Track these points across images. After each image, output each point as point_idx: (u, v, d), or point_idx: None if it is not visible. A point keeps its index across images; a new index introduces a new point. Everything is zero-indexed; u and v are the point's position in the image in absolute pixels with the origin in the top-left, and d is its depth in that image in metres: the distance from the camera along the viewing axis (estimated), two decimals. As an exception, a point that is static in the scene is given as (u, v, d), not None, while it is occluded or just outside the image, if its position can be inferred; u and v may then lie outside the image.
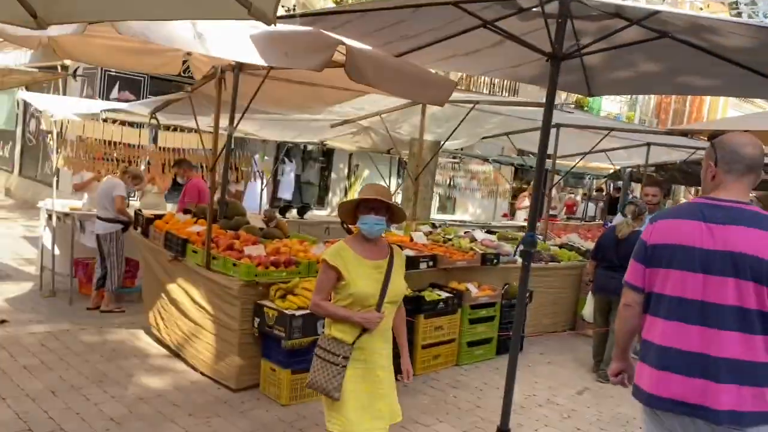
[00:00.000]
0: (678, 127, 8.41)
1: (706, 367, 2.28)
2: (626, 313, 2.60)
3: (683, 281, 2.36)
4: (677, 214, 2.50)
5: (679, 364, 2.34)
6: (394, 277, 2.95)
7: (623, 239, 6.07)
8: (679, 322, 2.36)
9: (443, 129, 8.01)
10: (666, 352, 2.38)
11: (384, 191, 3.00)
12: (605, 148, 10.42)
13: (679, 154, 11.54)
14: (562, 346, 7.26)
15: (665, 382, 2.37)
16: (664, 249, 2.42)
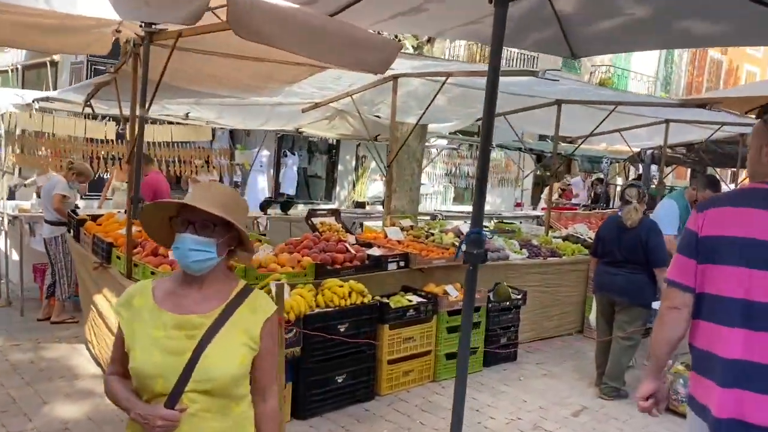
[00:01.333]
0: (693, 98, 7.38)
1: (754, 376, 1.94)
2: (671, 316, 2.19)
3: (753, 280, 1.99)
4: (735, 200, 2.12)
5: (745, 378, 1.98)
6: (216, 349, 1.75)
7: (632, 228, 5.14)
8: (734, 328, 2.02)
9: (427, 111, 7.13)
10: (732, 365, 2.01)
11: (224, 197, 1.83)
12: (619, 128, 9.42)
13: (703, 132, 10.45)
14: (565, 353, 6.34)
15: (734, 401, 2.00)
16: (716, 241, 2.07)
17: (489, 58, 2.93)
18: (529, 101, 7.50)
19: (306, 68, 5.18)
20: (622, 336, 5.19)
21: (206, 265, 1.80)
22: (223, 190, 1.92)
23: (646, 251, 5.06)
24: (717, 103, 5.89)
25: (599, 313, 5.49)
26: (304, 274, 4.76)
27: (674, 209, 5.68)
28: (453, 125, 8.11)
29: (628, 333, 5.15)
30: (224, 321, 1.80)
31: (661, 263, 5.03)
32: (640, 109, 8.31)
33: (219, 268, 1.85)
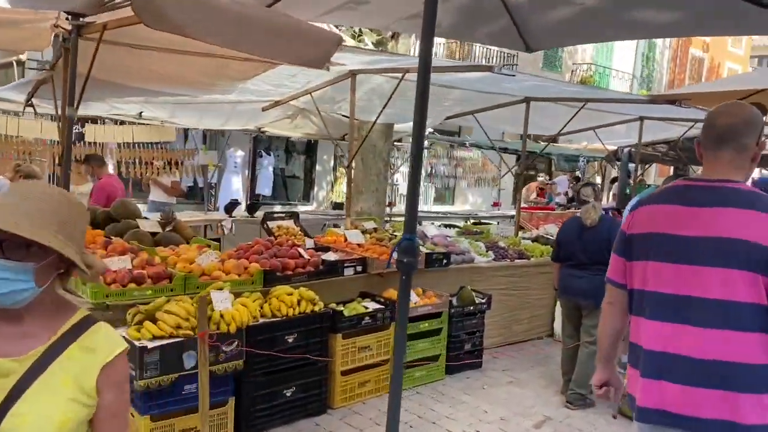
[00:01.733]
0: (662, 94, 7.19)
1: (689, 370, 2.00)
2: (608, 311, 2.36)
3: (660, 274, 2.09)
4: (656, 199, 2.22)
5: (663, 369, 2.06)
6: (30, 405, 1.34)
7: (593, 227, 4.95)
8: (659, 322, 2.09)
9: (394, 108, 6.90)
10: (650, 356, 2.10)
11: (44, 204, 1.37)
12: (594, 126, 9.24)
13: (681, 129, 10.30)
14: (534, 359, 6.14)
15: (652, 390, 2.08)
16: (643, 239, 2.17)
17: (420, 46, 2.70)
18: (501, 99, 7.30)
19: (257, 64, 4.93)
20: (588, 341, 4.99)
21: (20, 298, 1.34)
22: (46, 195, 1.40)
23: (609, 249, 4.87)
24: (686, 99, 5.70)
25: (565, 318, 5.29)
26: (252, 281, 4.51)
27: (632, 207, 5.50)
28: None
29: (595, 338, 4.94)
30: (45, 367, 1.36)
31: None
32: (615, 106, 8.13)
33: (45, 299, 1.41)
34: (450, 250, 5.93)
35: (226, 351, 3.97)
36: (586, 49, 24.09)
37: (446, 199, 20.66)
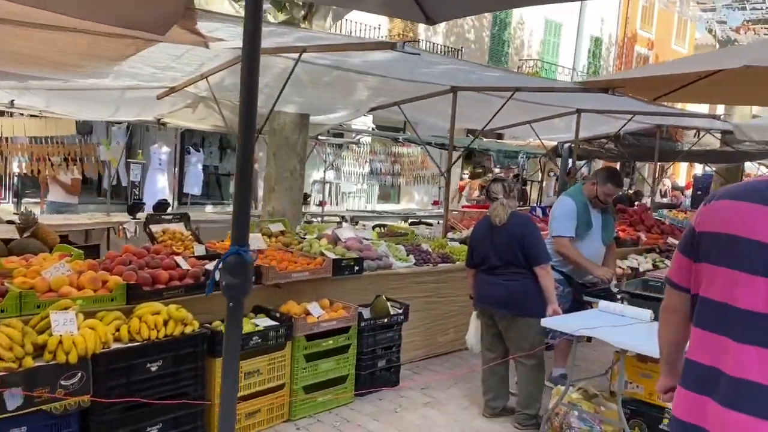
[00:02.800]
0: (594, 80, 6.70)
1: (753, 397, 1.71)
2: (667, 318, 2.13)
3: (729, 282, 1.79)
4: (737, 193, 1.87)
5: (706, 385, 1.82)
6: None
7: (503, 226, 4.40)
8: (710, 333, 1.84)
9: (306, 98, 6.23)
10: (695, 368, 1.88)
11: None
12: (530, 119, 8.77)
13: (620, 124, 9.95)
14: (458, 373, 5.56)
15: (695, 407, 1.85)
16: (714, 239, 1.85)
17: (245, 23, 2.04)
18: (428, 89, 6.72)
19: (128, 41, 4.18)
20: (522, 356, 4.44)
21: None
22: None
23: (523, 248, 4.35)
24: (620, 87, 5.22)
25: (484, 331, 4.72)
26: (111, 298, 3.78)
27: (570, 207, 4.97)
28: (341, 116, 7.25)
29: (529, 351, 4.40)
30: None
31: (541, 259, 4.36)
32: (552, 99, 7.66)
33: None
34: (365, 255, 5.30)
35: (66, 385, 3.25)
36: (532, 44, 23.90)
37: (392, 197, 20.11)
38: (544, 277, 4.37)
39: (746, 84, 5.84)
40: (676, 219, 11.50)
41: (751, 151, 12.13)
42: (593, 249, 5.05)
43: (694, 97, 6.62)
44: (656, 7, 29.54)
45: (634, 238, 8.23)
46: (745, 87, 5.95)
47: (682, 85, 5.87)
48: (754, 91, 6.09)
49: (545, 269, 4.36)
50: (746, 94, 6.11)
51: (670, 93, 6.09)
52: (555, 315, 4.30)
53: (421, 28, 19.93)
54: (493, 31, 22.52)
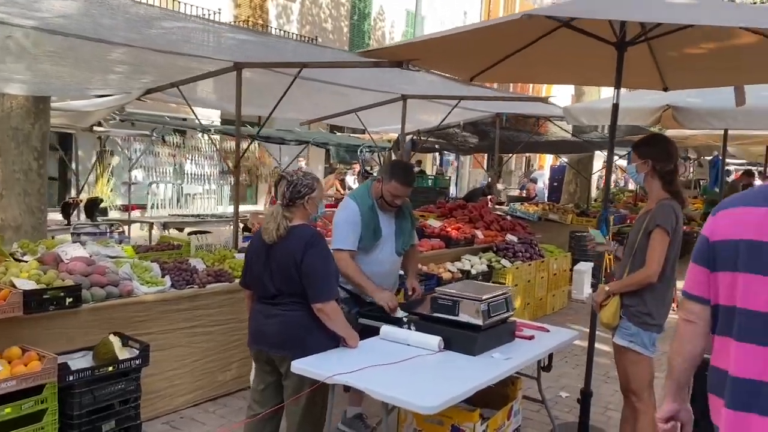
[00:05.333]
0: (375, 49, 5.83)
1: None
2: (685, 330, 1.99)
3: (752, 288, 1.76)
4: (744, 200, 1.89)
5: (754, 401, 1.75)
6: None
7: (278, 244, 3.28)
8: (753, 345, 1.77)
9: (39, 75, 4.80)
10: (742, 385, 1.78)
11: None
12: (355, 108, 7.78)
13: (463, 113, 9.23)
14: (235, 422, 4.40)
15: (739, 425, 1.78)
16: (730, 246, 1.83)
17: None
18: (214, 65, 5.50)
19: None
20: (291, 400, 3.33)
21: None
22: None
23: (301, 277, 3.24)
24: (414, 59, 4.27)
25: (258, 378, 3.57)
26: None
27: (352, 213, 3.93)
28: (107, 101, 5.86)
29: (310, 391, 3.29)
30: None
31: (320, 295, 3.23)
32: (372, 82, 6.70)
33: None
34: (92, 280, 3.99)
35: None
36: (394, 36, 23.25)
37: (248, 197, 18.63)
38: (329, 320, 3.27)
39: (565, 61, 5.13)
40: (526, 213, 11.04)
41: (596, 140, 11.96)
42: (385, 262, 4.05)
43: (515, 76, 5.89)
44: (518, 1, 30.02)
45: (468, 236, 7.46)
46: (565, 64, 5.24)
47: (496, 62, 5.08)
48: (574, 68, 5.40)
49: (326, 308, 3.23)
50: (565, 71, 5.40)
51: (486, 71, 5.28)
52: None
53: (272, 15, 18.60)
54: (352, 20, 21.61)
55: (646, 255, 3.49)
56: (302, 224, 3.29)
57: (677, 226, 3.52)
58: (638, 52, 4.67)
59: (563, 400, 5.05)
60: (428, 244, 6.84)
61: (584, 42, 4.27)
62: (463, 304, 3.43)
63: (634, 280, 3.53)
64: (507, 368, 3.24)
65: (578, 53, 4.66)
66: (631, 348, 3.55)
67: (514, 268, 7.24)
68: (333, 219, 4.12)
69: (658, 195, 3.60)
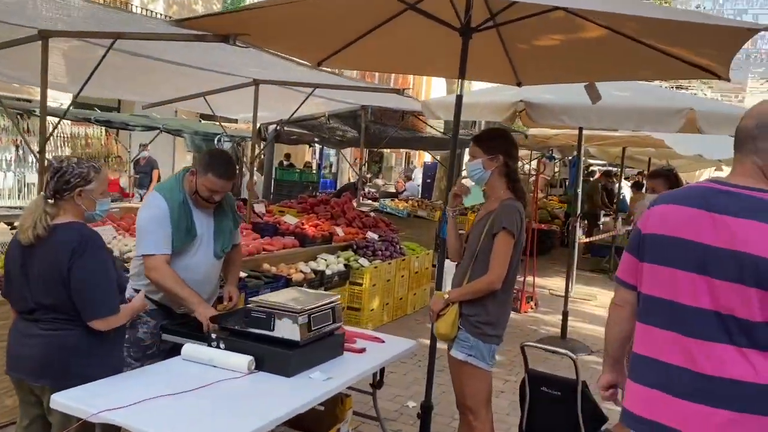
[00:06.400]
0: (199, 16, 5.27)
1: (692, 385, 1.90)
2: (615, 314, 2.23)
3: (671, 281, 1.96)
4: (677, 197, 2.06)
5: (663, 381, 1.97)
6: None
7: (36, 246, 2.63)
8: (656, 328, 2.01)
9: None
10: (643, 362, 2.05)
11: None
12: (205, 91, 7.09)
13: (329, 104, 8.77)
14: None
15: (646, 399, 2.00)
16: (658, 240, 2.02)
17: None
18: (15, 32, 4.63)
19: None
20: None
21: None
22: None
23: (69, 291, 2.62)
24: (242, 35, 3.72)
25: (22, 412, 2.91)
26: None
27: (160, 211, 3.30)
28: None
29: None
30: None
31: (93, 310, 2.67)
32: (218, 63, 6.05)
33: None
34: None
35: None
36: None
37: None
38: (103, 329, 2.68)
39: (415, 49, 4.78)
40: (396, 209, 10.80)
41: (465, 138, 11.96)
42: (200, 267, 3.44)
43: (368, 63, 5.50)
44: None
45: (326, 234, 7.01)
46: (415, 53, 4.89)
47: (344, 45, 4.64)
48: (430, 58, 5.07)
49: (106, 324, 2.68)
50: (416, 60, 5.07)
51: (334, 56, 4.83)
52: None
53: (136, -7, 17.17)
54: (225, 4, 20.50)
55: (490, 259, 3.19)
56: (69, 223, 2.66)
57: (522, 228, 3.26)
58: (489, 43, 4.44)
59: (409, 411, 4.74)
60: (280, 242, 6.33)
61: (432, 28, 3.94)
62: (278, 316, 2.95)
63: (476, 288, 3.22)
64: (323, 391, 2.80)
65: (427, 41, 4.33)
66: (468, 362, 3.24)
67: (372, 267, 6.90)
68: (136, 220, 3.48)
69: (503, 194, 3.32)
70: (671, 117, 5.14)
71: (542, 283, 9.88)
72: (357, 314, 6.76)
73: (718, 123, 5.17)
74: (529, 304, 8.39)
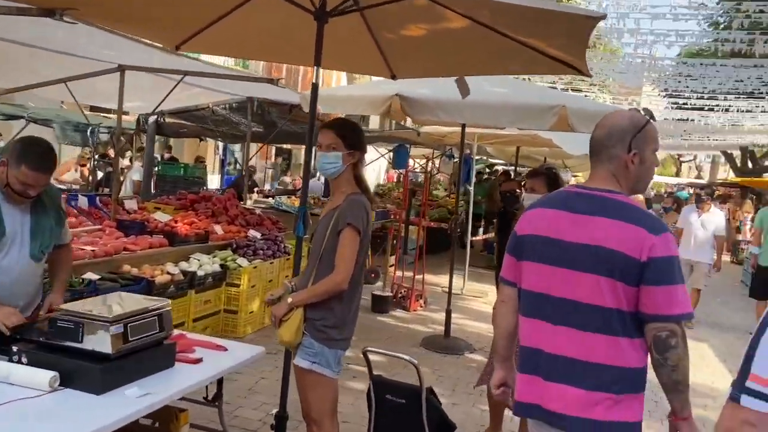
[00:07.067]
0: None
1: (550, 365, 2.15)
2: (500, 309, 2.41)
3: (541, 275, 2.21)
4: (544, 201, 2.34)
5: (536, 366, 2.19)
6: None
7: None
8: (533, 319, 2.23)
9: None
10: (524, 352, 2.26)
11: None
12: (65, 77, 6.49)
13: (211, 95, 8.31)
14: None
15: (529, 386, 2.21)
16: (529, 240, 2.26)
17: None
18: None
19: None
20: None
21: None
22: None
23: None
24: (69, 8, 3.31)
25: None
26: None
27: None
28: None
29: None
30: None
31: None
32: (79, 47, 5.54)
33: None
34: None
35: None
36: None
37: None
38: None
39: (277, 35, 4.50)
40: (291, 206, 10.44)
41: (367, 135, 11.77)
42: (13, 269, 3.03)
43: (230, 48, 5.16)
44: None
45: (202, 232, 6.60)
46: (277, 38, 4.60)
47: (201, 28, 4.30)
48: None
49: None
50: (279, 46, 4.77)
51: (193, 39, 4.48)
52: None
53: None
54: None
55: (335, 258, 2.97)
56: None
57: (368, 224, 3.06)
58: (357, 32, 4.24)
59: (271, 420, 4.45)
60: (146, 241, 5.86)
61: (290, 11, 3.68)
62: (88, 326, 2.59)
63: (321, 289, 2.99)
64: (134, 410, 2.47)
65: (286, 25, 4.06)
66: (313, 369, 3.00)
67: (252, 267, 6.55)
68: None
69: (351, 189, 3.11)
70: (544, 113, 5.13)
71: (436, 280, 9.86)
72: (234, 317, 6.40)
73: (588, 120, 5.21)
74: (419, 302, 8.31)
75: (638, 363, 2.08)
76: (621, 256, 2.03)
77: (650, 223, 2.07)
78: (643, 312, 2.04)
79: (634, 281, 2.02)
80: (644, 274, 2.01)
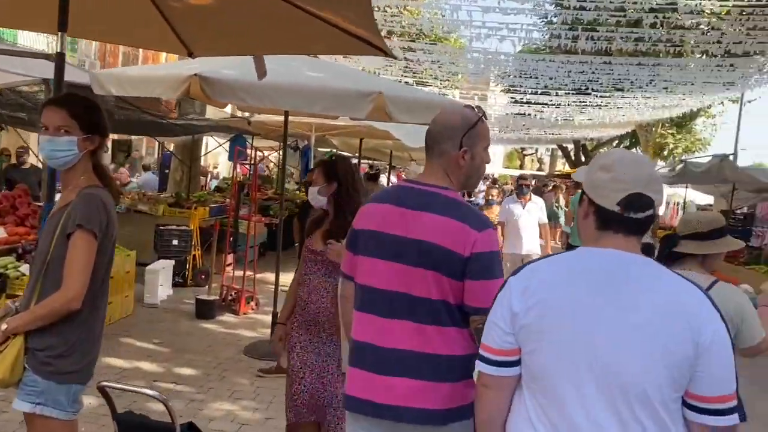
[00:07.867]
0: None
1: (380, 359, 2.14)
2: (343, 305, 2.46)
3: (373, 269, 2.21)
4: (378, 196, 2.37)
5: (362, 359, 2.20)
6: None
7: None
8: (366, 313, 2.22)
9: None
10: (356, 346, 2.25)
11: None
12: None
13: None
14: None
15: (360, 381, 2.19)
16: (363, 234, 2.27)
17: None
18: None
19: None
20: None
21: None
22: None
23: None
24: None
25: None
26: None
27: None
28: None
29: None
30: None
31: None
32: None
33: None
34: None
35: None
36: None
37: None
38: None
39: None
40: (113, 203, 9.35)
41: (198, 123, 10.91)
42: None
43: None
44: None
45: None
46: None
47: None
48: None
49: None
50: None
51: None
52: None
53: None
54: None
55: (64, 270, 2.35)
56: None
57: (110, 226, 2.47)
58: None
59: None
60: None
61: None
62: None
63: (46, 310, 2.36)
64: None
65: None
66: (37, 413, 2.36)
67: (39, 275, 5.61)
68: None
69: (88, 182, 2.50)
70: (361, 100, 4.76)
71: (283, 279, 9.29)
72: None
73: (408, 109, 4.93)
74: (250, 305, 7.72)
75: (471, 350, 2.06)
76: (446, 252, 2.07)
77: (475, 219, 2.12)
78: (466, 305, 2.09)
79: (459, 275, 2.08)
80: (467, 269, 2.07)
